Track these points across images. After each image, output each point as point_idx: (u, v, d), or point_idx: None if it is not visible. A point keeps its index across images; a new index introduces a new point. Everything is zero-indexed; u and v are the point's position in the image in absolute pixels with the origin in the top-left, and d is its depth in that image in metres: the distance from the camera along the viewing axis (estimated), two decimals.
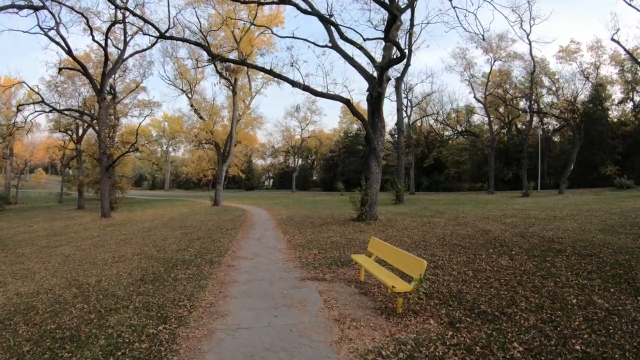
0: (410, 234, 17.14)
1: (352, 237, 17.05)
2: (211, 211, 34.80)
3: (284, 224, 22.99)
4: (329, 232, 18.68)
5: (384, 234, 17.22)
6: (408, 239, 15.83)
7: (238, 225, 23.11)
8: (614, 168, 50.52)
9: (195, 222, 26.36)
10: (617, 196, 32.69)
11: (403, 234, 17.25)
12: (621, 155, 53.19)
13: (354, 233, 18.12)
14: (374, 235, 15.68)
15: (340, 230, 19.06)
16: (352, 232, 18.34)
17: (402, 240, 15.57)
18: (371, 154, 22.21)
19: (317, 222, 22.89)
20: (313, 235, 18.27)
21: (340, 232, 18.48)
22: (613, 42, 39.83)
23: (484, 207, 29.12)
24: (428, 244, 14.52)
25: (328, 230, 19.53)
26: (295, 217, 26.32)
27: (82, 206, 50.43)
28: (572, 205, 26.22)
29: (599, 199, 30.21)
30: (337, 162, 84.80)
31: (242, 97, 45.95)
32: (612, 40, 39.79)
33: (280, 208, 36.40)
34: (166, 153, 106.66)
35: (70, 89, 48.63)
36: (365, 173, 22.48)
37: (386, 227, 19.65)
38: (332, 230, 19.42)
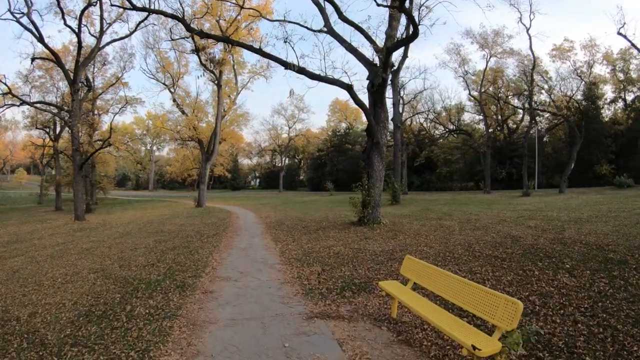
0: (426, 241, 14.23)
1: (358, 246, 14.06)
2: (193, 213, 31.52)
3: (274, 229, 19.86)
4: (329, 240, 15.64)
5: (395, 242, 14.44)
6: (428, 248, 12.92)
7: (221, 230, 19.92)
8: (609, 167, 49.70)
9: (174, 226, 23.22)
10: (624, 195, 30.56)
11: (418, 241, 14.34)
12: (614, 154, 52.12)
13: (359, 241, 15.15)
14: (382, 242, 13.73)
15: (342, 237, 16.07)
16: (355, 240, 15.37)
17: (421, 250, 12.72)
18: (374, 148, 19.36)
19: (312, 227, 19.83)
20: (310, 243, 15.19)
21: (342, 240, 15.48)
22: (620, 36, 37.41)
23: (490, 207, 26.49)
24: (456, 255, 11.67)
25: (327, 237, 16.51)
26: (285, 221, 23.27)
27: (60, 207, 47.15)
28: (586, 205, 23.79)
29: (607, 199, 27.78)
30: (325, 162, 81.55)
31: (227, 92, 42.65)
32: (618, 35, 37.31)
33: (268, 209, 33.24)
34: (150, 152, 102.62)
35: (48, 83, 45.91)
36: (367, 170, 19.68)
37: (394, 232, 16.74)
38: (331, 237, 16.41)
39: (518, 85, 52.90)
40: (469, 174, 65.42)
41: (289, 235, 17.39)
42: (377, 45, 19.95)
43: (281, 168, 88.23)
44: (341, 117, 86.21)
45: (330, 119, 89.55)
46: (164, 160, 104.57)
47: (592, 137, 49.78)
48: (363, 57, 19.91)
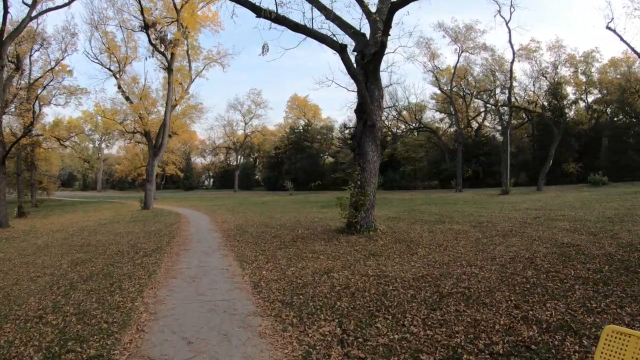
0: (464, 257, 9.96)
1: (370, 270, 9.24)
2: (137, 217, 25.88)
3: (235, 240, 14.62)
4: (319, 259, 10.63)
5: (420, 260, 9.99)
6: (478, 270, 8.68)
7: (165, 242, 14.52)
8: (576, 166, 49.26)
9: (108, 235, 17.73)
10: (609, 193, 29.19)
11: (453, 257, 10.01)
12: (578, 153, 51.95)
13: (364, 259, 10.38)
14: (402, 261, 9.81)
15: (335, 254, 11.20)
16: (358, 258, 10.55)
17: (471, 273, 8.35)
18: (367, 133, 14.79)
19: (286, 236, 14.77)
20: (293, 265, 10.10)
21: (339, 258, 10.60)
22: (609, 30, 34.65)
23: (484, 207, 22.86)
24: (532, 280, 7.50)
25: (312, 253, 11.50)
26: (247, 227, 18.19)
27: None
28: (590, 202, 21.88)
29: (600, 196, 25.94)
30: (282, 160, 75.95)
31: (179, 80, 36.79)
32: (607, 29, 34.49)
33: (224, 211, 27.95)
34: (99, 150, 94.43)
35: None
36: (358, 162, 14.95)
37: (405, 244, 12.13)
38: (319, 253, 11.44)
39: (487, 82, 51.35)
40: (433, 173, 62.39)
41: (257, 250, 12.22)
42: (367, 7, 15.20)
43: (236, 167, 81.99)
44: (299, 114, 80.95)
45: (288, 115, 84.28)
46: (114, 158, 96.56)
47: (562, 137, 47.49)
48: (348, 26, 15.48)
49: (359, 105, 15.06)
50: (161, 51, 32.23)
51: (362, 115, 14.94)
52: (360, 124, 15.01)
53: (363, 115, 14.81)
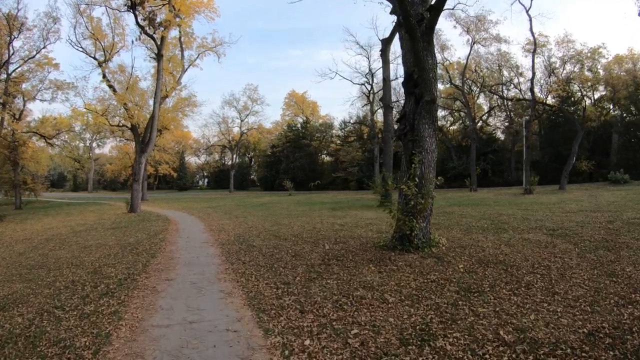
0: (600, 288, 6.59)
1: (503, 330, 5.10)
2: (120, 222, 21.38)
3: (240, 261, 10.15)
4: (389, 305, 6.46)
5: (544, 298, 6.36)
6: None
7: (142, 265, 10.03)
8: (589, 164, 46.44)
9: (72, 251, 13.34)
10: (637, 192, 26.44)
11: (585, 290, 6.68)
12: (588, 150, 49.30)
13: (462, 299, 6.57)
14: (513, 297, 6.54)
15: (407, 290, 7.20)
16: (449, 296, 6.74)
17: None
18: (423, 111, 10.61)
19: (310, 254, 10.51)
20: (352, 320, 5.85)
21: (421, 301, 6.57)
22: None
23: (525, 208, 19.42)
24: None
25: (368, 289, 7.33)
26: (252, 237, 13.87)
27: None
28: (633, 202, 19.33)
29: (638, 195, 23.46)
30: (279, 159, 71.48)
31: (170, 70, 32.28)
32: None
33: (220, 215, 23.56)
34: (90, 149, 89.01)
35: None
36: (411, 149, 10.74)
37: (490, 267, 8.48)
38: (379, 288, 7.31)
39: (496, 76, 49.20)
40: (439, 171, 56.76)
41: (278, 283, 7.91)
42: None
43: (232, 166, 76.67)
44: (297, 111, 76.13)
45: (285, 113, 79.39)
46: (106, 158, 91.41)
47: (571, 133, 45.53)
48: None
49: (409, 77, 10.85)
50: (150, 34, 27.71)
51: (413, 90, 10.69)
52: (410, 100, 10.75)
53: (416, 90, 10.58)
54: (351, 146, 59.52)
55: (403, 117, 11.07)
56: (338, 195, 42.60)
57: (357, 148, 58.97)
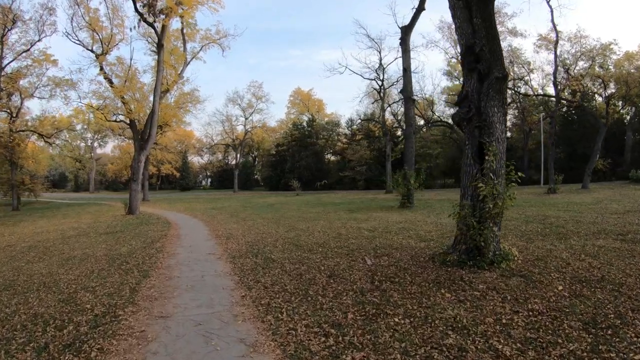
0: None
1: None
2: (115, 226, 18.97)
3: (260, 284, 7.61)
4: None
5: None
6: None
7: (128, 291, 7.44)
8: (605, 162, 43.78)
9: (51, 265, 10.90)
10: None
11: None
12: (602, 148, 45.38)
13: (606, 351, 4.14)
14: None
15: (508, 330, 4.80)
16: (579, 339, 4.37)
17: None
18: (490, 91, 8.31)
19: (352, 274, 8.03)
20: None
21: (544, 352, 3.76)
22: None
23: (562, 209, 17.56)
24: None
25: (458, 331, 4.90)
26: (268, 247, 11.45)
27: None
28: None
29: None
30: (285, 158, 68.96)
31: (172, 63, 29.81)
32: None
33: (226, 218, 21.14)
34: (91, 149, 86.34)
35: None
36: (476, 134, 8.52)
37: (600, 290, 5.98)
38: (469, 332, 4.85)
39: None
40: (450, 170, 56.17)
41: (321, 322, 5.47)
42: None
43: (236, 165, 73.85)
44: (303, 109, 73.19)
45: (290, 111, 76.44)
46: (108, 158, 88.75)
47: (587, 131, 45.20)
48: None
49: (469, 50, 8.51)
50: (149, 22, 25.26)
51: (475, 65, 8.28)
52: (472, 78, 8.36)
53: (479, 65, 8.23)
54: (359, 145, 56.99)
55: (464, 98, 8.64)
56: (348, 195, 40.06)
57: (365, 147, 56.45)
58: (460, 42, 8.90)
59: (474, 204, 8.01)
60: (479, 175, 8.12)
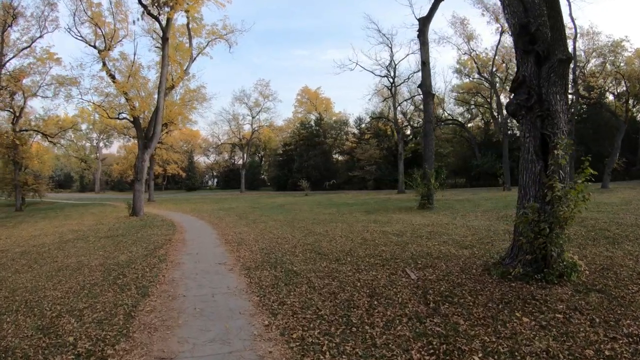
0: None
1: None
2: (117, 230, 17.58)
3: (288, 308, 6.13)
4: None
5: None
6: None
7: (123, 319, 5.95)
8: (619, 161, 41.22)
9: (38, 277, 9.50)
10: None
11: None
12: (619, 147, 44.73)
13: None
14: None
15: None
16: None
17: None
18: (552, 75, 7.02)
19: (395, 291, 6.61)
20: None
21: None
22: None
23: (603, 210, 15.74)
24: None
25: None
26: (287, 256, 9.98)
27: None
28: None
29: None
30: (292, 157, 67.37)
31: (177, 60, 28.33)
32: None
33: (235, 220, 19.72)
34: (96, 149, 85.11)
35: None
36: (538, 125, 7.10)
37: None
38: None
39: None
40: (461, 169, 54.30)
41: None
42: None
43: (243, 165, 72.36)
44: (311, 107, 71.68)
45: (298, 110, 74.83)
46: (113, 158, 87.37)
47: (602, 129, 44.16)
48: None
49: (523, 29, 7.18)
50: (154, 15, 23.86)
51: (532, 47, 6.89)
52: (529, 62, 6.98)
53: (536, 46, 6.87)
54: (368, 144, 55.35)
55: (522, 84, 7.17)
56: (359, 195, 38.45)
57: (375, 146, 54.85)
58: (512, 22, 7.50)
59: (541, 207, 6.57)
60: (543, 172, 6.78)
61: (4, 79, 32.46)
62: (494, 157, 46.57)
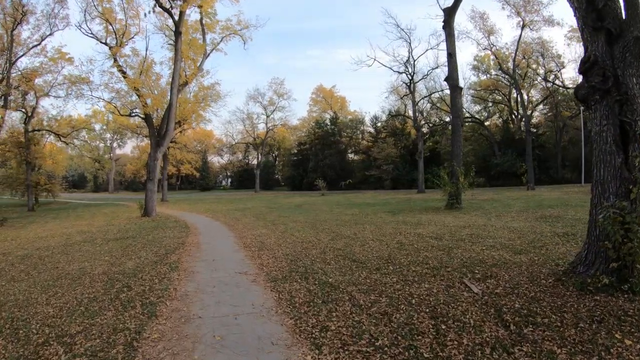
0: None
1: None
2: (127, 231, 16.45)
3: (335, 337, 4.76)
4: None
5: None
6: None
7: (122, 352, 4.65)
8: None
9: (40, 284, 8.37)
10: None
11: None
12: None
13: None
14: None
15: None
16: None
17: None
18: (629, 53, 5.70)
19: (460, 310, 5.23)
20: None
21: None
22: None
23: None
24: None
25: None
26: (318, 264, 8.55)
27: None
28: None
29: None
30: (307, 157, 65.78)
31: (190, 56, 27.16)
32: None
33: (252, 221, 18.44)
34: (110, 149, 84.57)
35: None
36: (616, 111, 5.86)
37: None
38: None
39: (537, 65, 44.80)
40: (481, 168, 51.56)
41: None
42: None
43: (257, 165, 70.76)
44: (325, 106, 70.16)
45: (312, 109, 73.17)
46: (127, 159, 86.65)
47: None
48: None
49: (589, 4, 6.03)
50: (166, 8, 22.71)
51: (600, 24, 5.64)
52: (599, 40, 5.65)
53: (605, 23, 5.59)
54: (385, 142, 53.70)
55: (594, 64, 5.84)
56: (378, 195, 36.96)
57: (392, 144, 53.19)
58: None
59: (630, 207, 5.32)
60: (624, 166, 5.69)
61: (16, 79, 31.83)
62: (514, 155, 44.77)
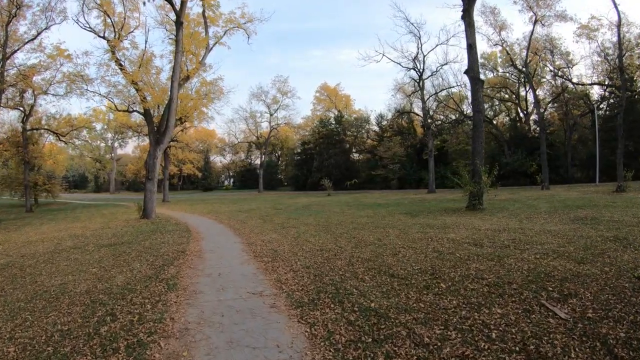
0: None
1: None
2: (123, 235, 14.94)
3: None
4: None
5: None
6: None
7: None
8: None
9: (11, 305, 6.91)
10: None
11: None
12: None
13: None
14: None
15: None
16: None
17: None
18: None
19: (546, 343, 3.69)
20: None
21: None
22: None
23: None
24: None
25: None
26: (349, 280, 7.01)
27: None
28: None
29: None
30: (312, 156, 64.47)
31: (192, 50, 25.63)
32: None
33: (259, 223, 16.91)
34: (111, 149, 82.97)
35: None
36: None
37: None
38: None
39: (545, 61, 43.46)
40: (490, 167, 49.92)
41: None
42: None
43: (261, 164, 68.77)
44: (330, 105, 68.80)
45: (316, 107, 71.66)
46: (129, 159, 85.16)
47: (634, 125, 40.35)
48: None
49: None
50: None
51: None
52: None
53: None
54: (391, 141, 52.20)
55: None
56: (387, 195, 35.36)
57: (398, 143, 51.69)
58: None
59: None
60: None
61: (13, 75, 30.49)
62: (524, 154, 43.46)
